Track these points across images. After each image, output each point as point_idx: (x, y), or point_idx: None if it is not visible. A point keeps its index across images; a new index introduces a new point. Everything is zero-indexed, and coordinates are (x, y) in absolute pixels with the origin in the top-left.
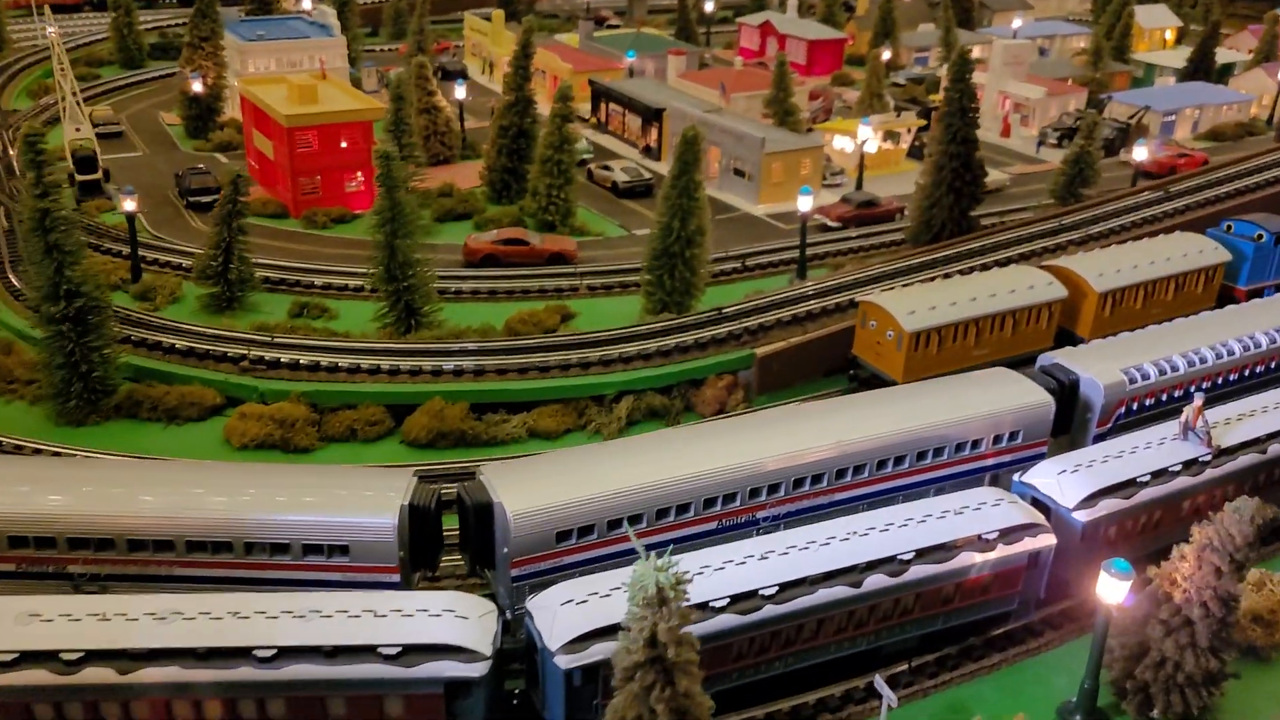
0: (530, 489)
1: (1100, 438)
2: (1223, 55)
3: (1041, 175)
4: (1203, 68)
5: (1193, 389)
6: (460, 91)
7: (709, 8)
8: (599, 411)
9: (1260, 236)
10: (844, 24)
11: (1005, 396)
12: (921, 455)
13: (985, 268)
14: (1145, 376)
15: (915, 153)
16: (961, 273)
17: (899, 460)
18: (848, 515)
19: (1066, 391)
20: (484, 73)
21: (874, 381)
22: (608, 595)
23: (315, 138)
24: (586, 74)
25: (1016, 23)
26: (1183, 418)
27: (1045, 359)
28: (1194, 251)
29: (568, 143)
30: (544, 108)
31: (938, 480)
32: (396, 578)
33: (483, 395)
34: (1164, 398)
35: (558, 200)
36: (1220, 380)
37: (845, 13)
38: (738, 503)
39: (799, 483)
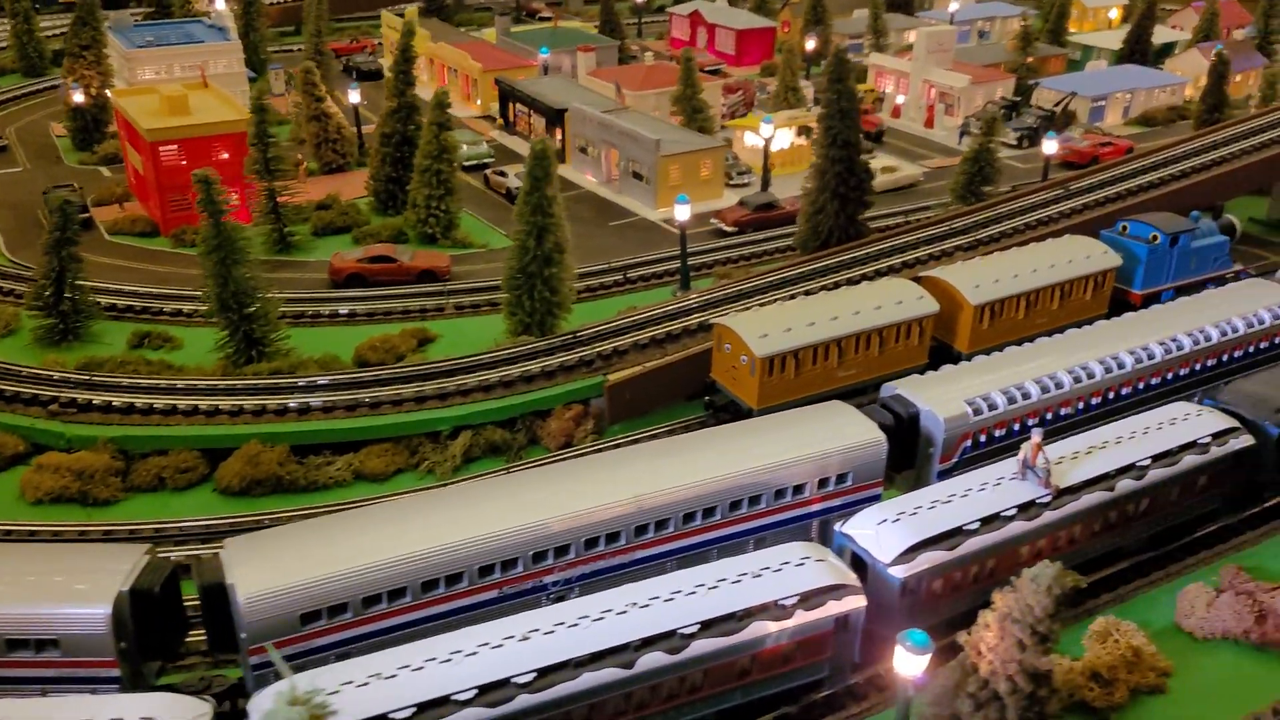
0: (270, 566)
1: (946, 474)
2: (1165, 35)
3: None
4: (1139, 49)
5: (1049, 416)
6: (354, 95)
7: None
8: (433, 449)
9: (1155, 238)
10: (778, 12)
11: (833, 435)
12: (735, 505)
13: (865, 278)
14: (993, 406)
15: None
16: (828, 288)
17: (709, 512)
18: (642, 579)
19: (906, 426)
20: None
21: (732, 408)
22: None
23: (182, 151)
24: (495, 72)
25: (953, 6)
26: (1021, 455)
27: (887, 389)
28: (1081, 256)
29: (446, 151)
30: (459, 109)
31: (757, 531)
32: (116, 673)
33: (306, 435)
34: (1017, 428)
35: (438, 212)
36: (1082, 406)
37: (779, 0)
38: (520, 569)
39: (591, 543)
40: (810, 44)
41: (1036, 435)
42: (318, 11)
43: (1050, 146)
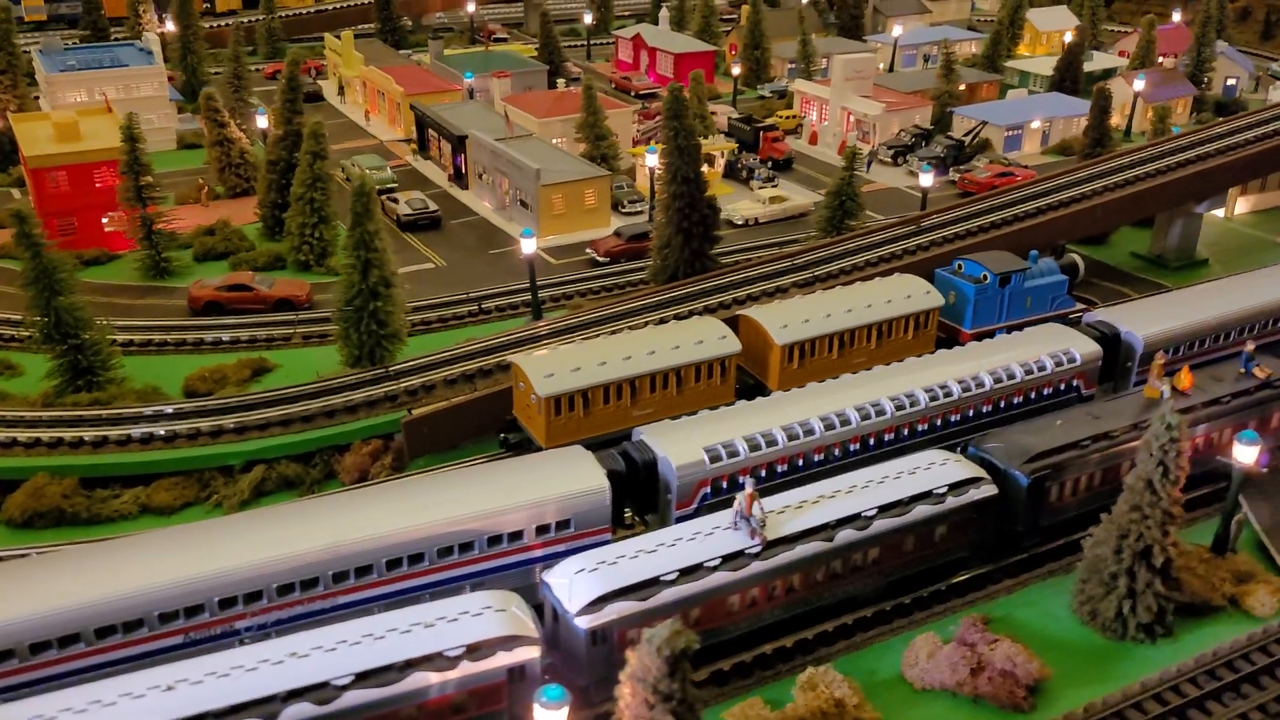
0: None
1: (686, 519)
2: (1106, 60)
3: (866, 196)
4: (1069, 77)
5: (800, 462)
6: (262, 120)
7: (588, 20)
8: (225, 483)
9: (985, 278)
10: (722, 36)
11: (555, 482)
12: (445, 552)
13: (695, 314)
14: (734, 453)
15: (731, 173)
16: (632, 327)
17: (415, 559)
18: (342, 622)
19: (643, 472)
20: (339, 95)
21: (529, 446)
22: None
23: (65, 177)
24: (415, 97)
25: (897, 30)
26: (736, 504)
27: (636, 434)
28: (903, 296)
29: (321, 181)
30: (385, 133)
31: (469, 577)
32: None
33: (95, 469)
34: (764, 474)
35: (311, 240)
36: (838, 452)
37: (725, 24)
38: (206, 615)
39: (286, 589)
40: (735, 69)
41: (749, 486)
42: (235, 38)
43: (926, 179)
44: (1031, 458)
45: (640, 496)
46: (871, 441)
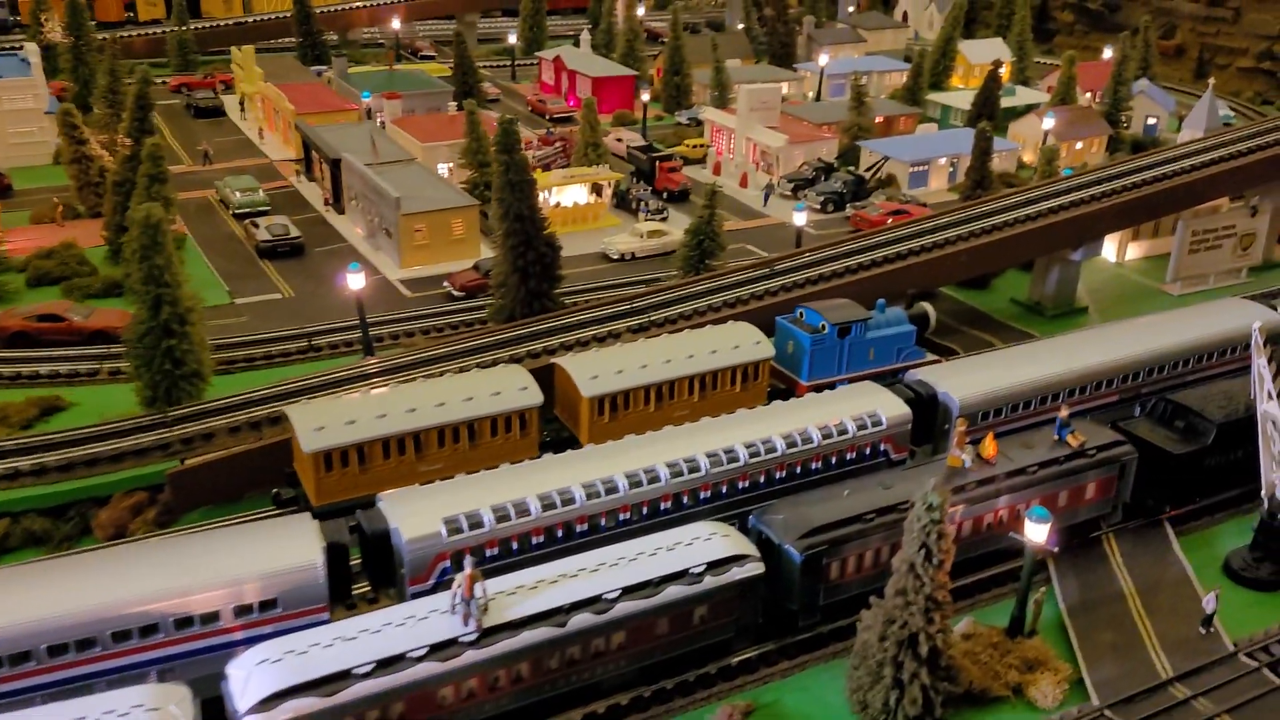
0: None
1: (422, 596)
2: (1030, 95)
3: (758, 232)
4: (985, 111)
5: (560, 533)
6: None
7: (512, 40)
8: None
9: (823, 327)
10: (645, 60)
11: (262, 554)
12: (122, 636)
13: (515, 360)
14: (478, 525)
15: (623, 204)
16: (428, 376)
17: (86, 644)
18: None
19: (376, 544)
20: (241, 111)
21: (303, 501)
22: None
23: None
24: (306, 115)
25: (823, 59)
26: (455, 585)
27: (378, 500)
28: (730, 345)
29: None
30: (276, 151)
31: (154, 663)
32: None
33: None
34: (516, 546)
35: None
36: (604, 522)
37: (653, 45)
38: None
39: None
40: (645, 95)
41: (469, 566)
42: (110, 51)
43: (800, 218)
44: (807, 532)
45: (379, 570)
46: (645, 510)
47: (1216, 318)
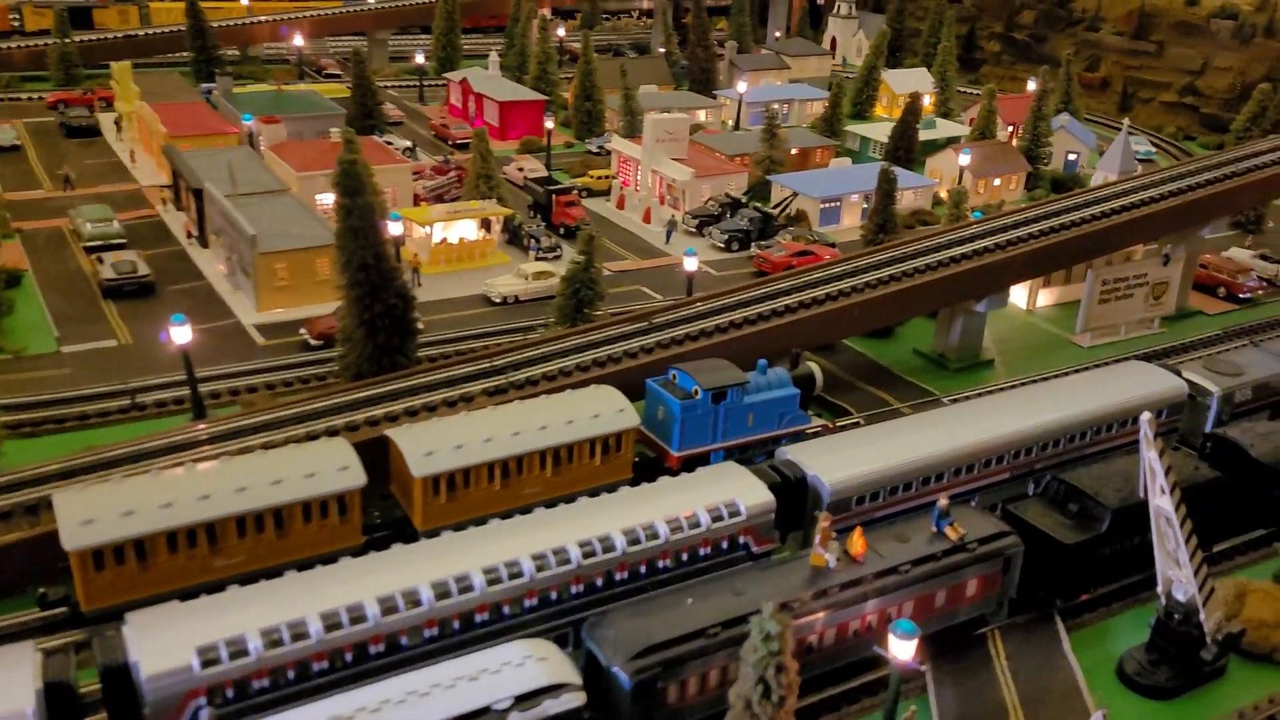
0: None
1: None
2: (951, 128)
3: (658, 272)
4: (903, 146)
5: (349, 657)
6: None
7: (419, 60)
8: None
9: (695, 392)
10: (559, 84)
11: None
12: None
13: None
14: (242, 652)
15: (515, 239)
16: (229, 453)
17: None
18: None
19: (109, 679)
20: (118, 131)
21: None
22: None
23: None
24: (180, 139)
25: (741, 86)
26: None
27: (128, 620)
28: (589, 415)
29: None
30: (149, 176)
31: None
32: None
33: None
34: (291, 675)
35: None
36: (406, 640)
37: (572, 68)
38: None
39: None
40: (549, 123)
41: (207, 714)
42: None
43: (691, 264)
44: (640, 651)
45: (124, 712)
46: (457, 625)
47: (1116, 384)
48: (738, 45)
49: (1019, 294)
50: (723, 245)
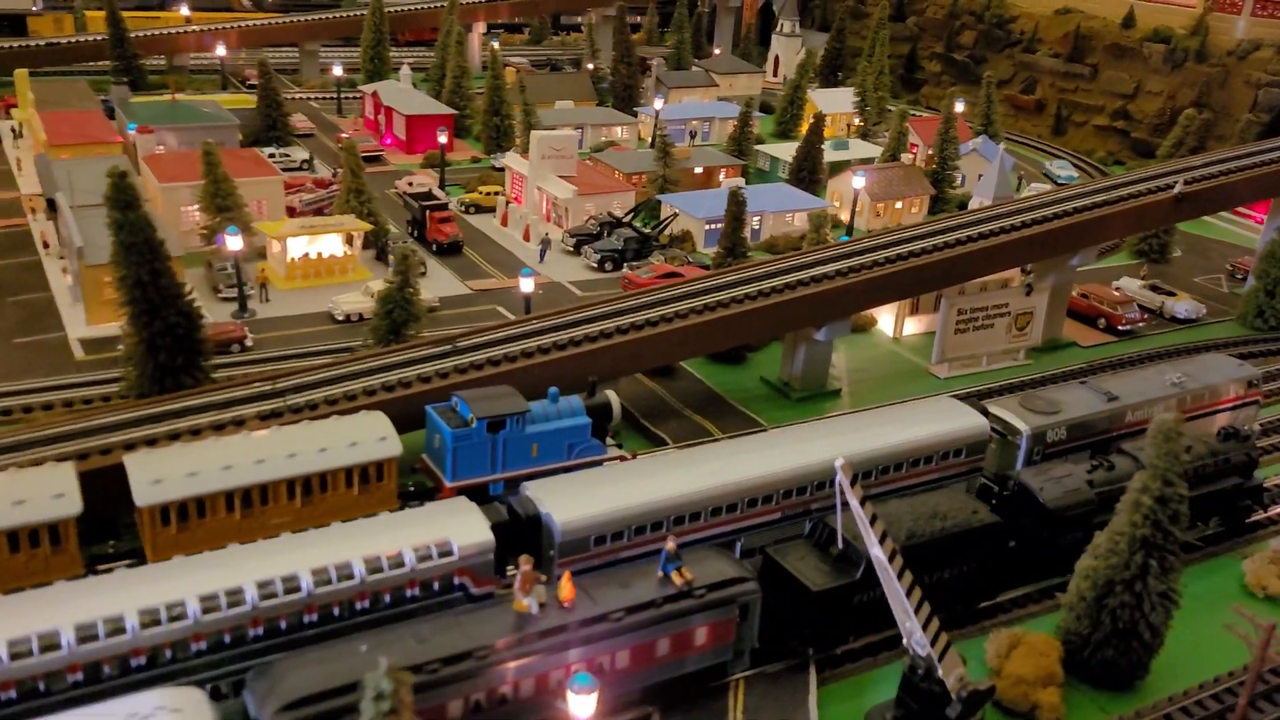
0: None
1: None
2: (864, 150)
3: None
4: (806, 166)
5: None
6: None
7: (337, 72)
8: None
9: (470, 421)
10: (475, 98)
11: None
12: None
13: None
14: None
15: (382, 255)
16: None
17: None
18: None
19: None
20: (16, 138)
21: None
22: None
23: None
24: (59, 148)
25: (658, 103)
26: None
27: None
28: (345, 442)
29: None
30: (30, 183)
31: None
32: None
33: None
34: None
35: None
36: (43, 688)
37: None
38: None
39: None
40: (442, 138)
41: None
42: None
43: (527, 284)
44: (290, 704)
45: None
46: (108, 670)
47: (913, 421)
48: (665, 62)
49: (886, 321)
50: (596, 265)
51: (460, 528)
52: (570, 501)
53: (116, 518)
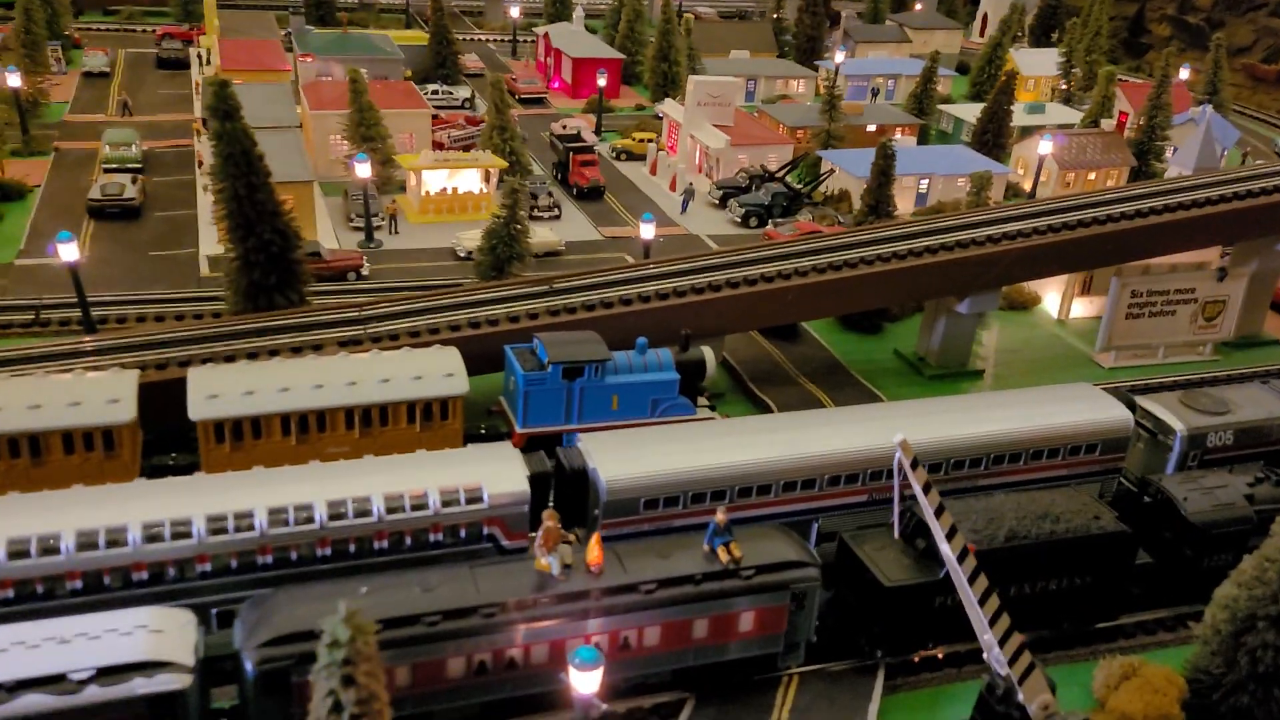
0: None
1: None
2: (1063, 115)
3: (659, 243)
4: (991, 128)
5: None
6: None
7: (514, 13)
8: None
9: (545, 365)
10: (649, 44)
11: None
12: None
13: None
14: None
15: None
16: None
17: None
18: None
19: None
20: (204, 64)
21: None
22: None
23: None
24: (231, 72)
25: (839, 56)
26: None
27: None
28: (409, 376)
29: None
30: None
31: None
32: None
33: None
34: None
35: None
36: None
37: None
38: None
39: None
40: (602, 81)
41: None
42: None
43: (648, 231)
44: (275, 638)
45: None
46: (108, 581)
47: (1039, 408)
48: (858, 14)
49: (1052, 300)
50: (740, 220)
51: (495, 475)
52: (623, 458)
53: (187, 431)
